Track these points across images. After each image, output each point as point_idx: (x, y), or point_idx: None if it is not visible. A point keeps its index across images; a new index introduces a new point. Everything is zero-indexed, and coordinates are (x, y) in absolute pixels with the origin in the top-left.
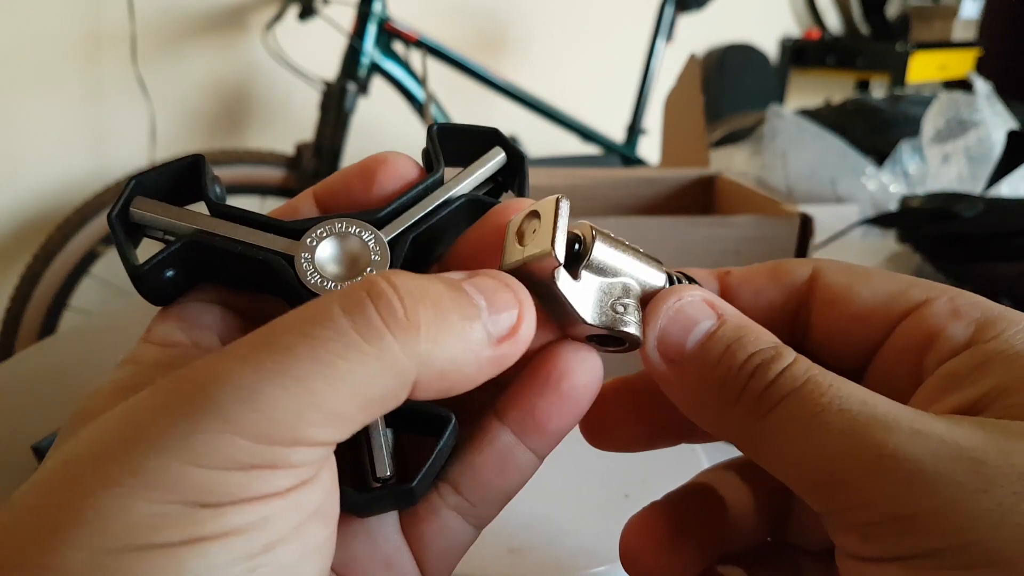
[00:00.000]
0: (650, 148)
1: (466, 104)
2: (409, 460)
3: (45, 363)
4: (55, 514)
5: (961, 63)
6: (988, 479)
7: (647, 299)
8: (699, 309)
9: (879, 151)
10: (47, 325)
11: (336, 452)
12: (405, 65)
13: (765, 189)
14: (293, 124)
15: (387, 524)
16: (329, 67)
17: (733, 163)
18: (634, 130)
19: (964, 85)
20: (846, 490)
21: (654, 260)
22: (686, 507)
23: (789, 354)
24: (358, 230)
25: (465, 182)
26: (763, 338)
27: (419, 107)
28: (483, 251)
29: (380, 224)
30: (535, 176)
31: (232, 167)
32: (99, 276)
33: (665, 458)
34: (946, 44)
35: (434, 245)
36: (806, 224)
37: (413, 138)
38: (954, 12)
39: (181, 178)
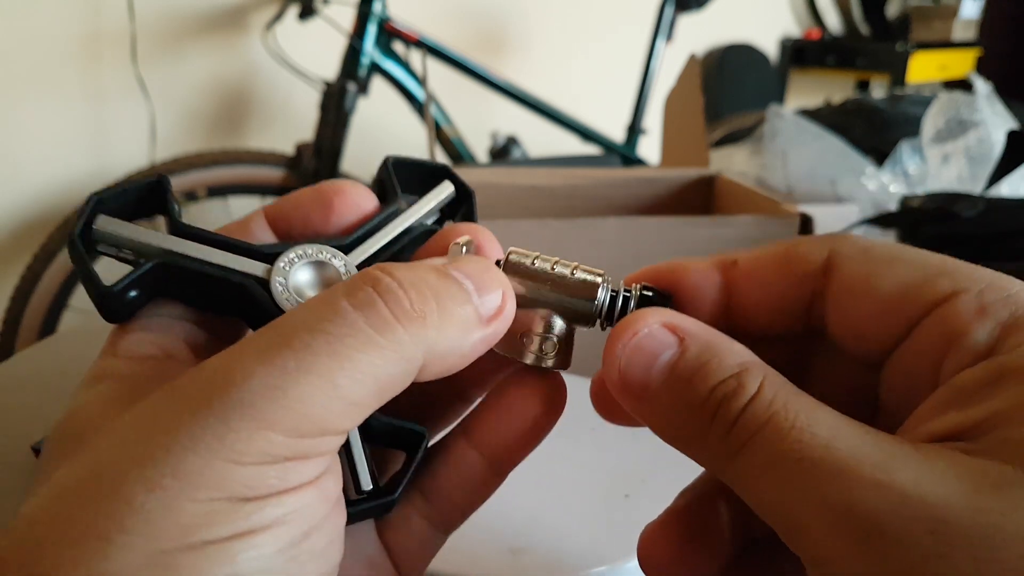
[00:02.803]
0: (650, 148)
1: (466, 104)
2: (378, 469)
3: (45, 363)
4: (97, 521)
5: (961, 63)
6: (949, 543)
7: (571, 322)
8: (658, 339)
9: (879, 151)
10: (47, 325)
11: None
12: (405, 65)
13: (765, 189)
14: (293, 124)
15: (367, 529)
16: (329, 67)
17: (733, 163)
18: (634, 130)
19: (964, 85)
20: (808, 544)
21: (586, 281)
22: (701, 507)
23: (753, 381)
24: (329, 256)
25: (421, 212)
26: (727, 362)
27: (419, 107)
28: None
29: (347, 250)
30: (536, 176)
31: (232, 167)
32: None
33: (665, 457)
34: (946, 44)
35: None
36: (806, 224)
37: (413, 138)
38: (954, 12)
39: (143, 198)
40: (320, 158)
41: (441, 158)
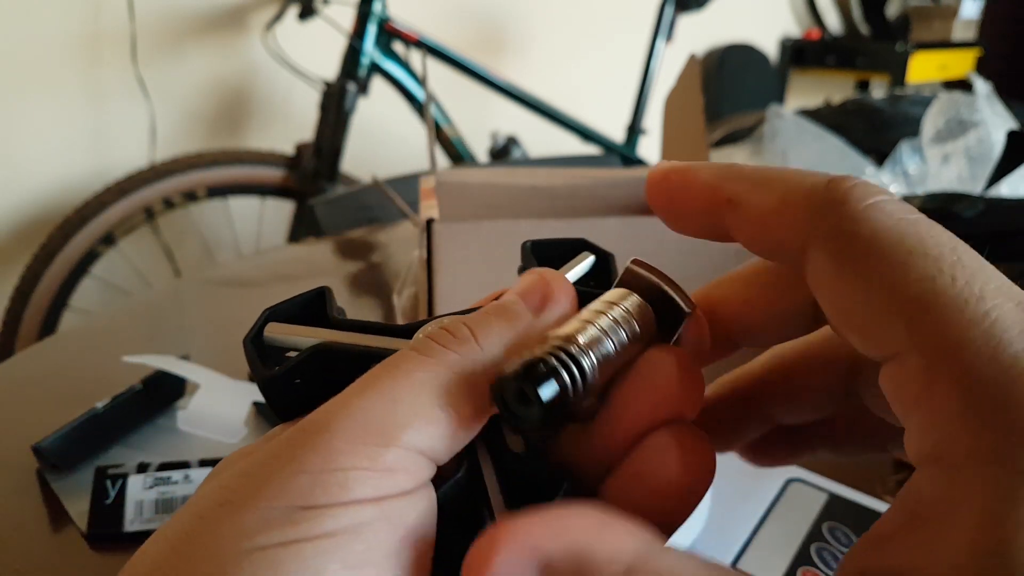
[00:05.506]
0: (650, 148)
1: (466, 104)
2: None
3: (45, 363)
4: (176, 537)
5: (961, 63)
6: None
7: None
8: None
9: (879, 151)
10: (47, 325)
11: (453, 519)
12: (405, 65)
13: None
14: (293, 124)
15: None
16: (329, 67)
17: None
18: (634, 130)
19: (964, 85)
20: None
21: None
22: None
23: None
24: None
25: None
26: None
27: (419, 107)
28: None
29: None
30: (536, 176)
31: (232, 167)
32: (99, 276)
33: None
34: (946, 44)
35: None
36: None
37: (413, 138)
38: (954, 12)
39: (308, 306)
40: (320, 158)
41: (441, 158)
